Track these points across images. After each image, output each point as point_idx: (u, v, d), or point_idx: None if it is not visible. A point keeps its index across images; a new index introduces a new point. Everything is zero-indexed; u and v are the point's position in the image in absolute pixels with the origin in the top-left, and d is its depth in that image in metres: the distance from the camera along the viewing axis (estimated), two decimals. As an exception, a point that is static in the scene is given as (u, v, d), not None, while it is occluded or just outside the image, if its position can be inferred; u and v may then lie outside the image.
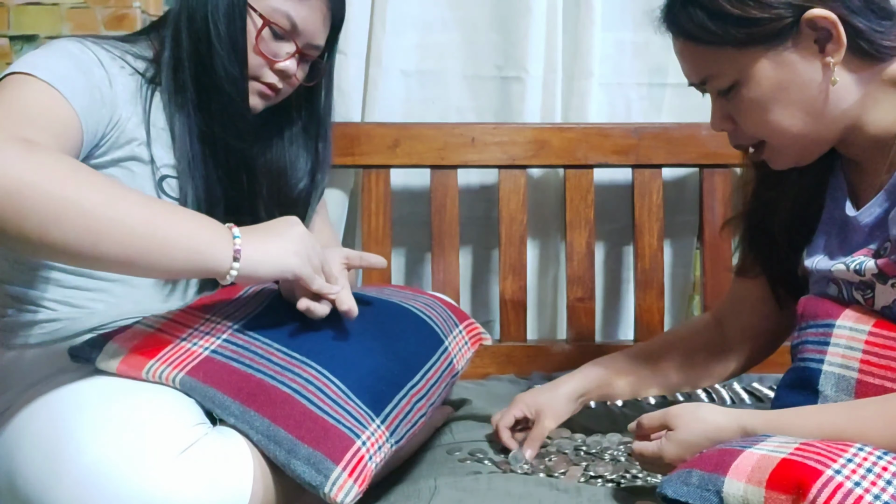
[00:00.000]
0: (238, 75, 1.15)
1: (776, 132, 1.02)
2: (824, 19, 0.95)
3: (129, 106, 1.12)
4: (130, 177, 1.11)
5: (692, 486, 0.84)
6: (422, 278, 1.82)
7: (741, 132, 1.06)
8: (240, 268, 0.94)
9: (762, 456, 0.82)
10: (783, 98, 1.00)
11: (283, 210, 1.22)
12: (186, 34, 1.15)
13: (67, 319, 1.10)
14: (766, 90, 1.00)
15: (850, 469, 0.78)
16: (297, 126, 1.31)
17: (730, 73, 1.01)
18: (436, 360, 1.15)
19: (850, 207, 1.05)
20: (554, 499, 1.01)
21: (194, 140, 1.16)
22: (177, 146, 1.15)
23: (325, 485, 0.92)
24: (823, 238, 1.09)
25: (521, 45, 1.75)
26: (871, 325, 0.99)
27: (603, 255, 1.85)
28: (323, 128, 1.32)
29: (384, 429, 1.01)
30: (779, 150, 1.05)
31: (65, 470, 0.88)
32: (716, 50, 1.01)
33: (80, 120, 1.03)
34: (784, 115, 1.00)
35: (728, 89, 1.03)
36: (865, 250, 1.00)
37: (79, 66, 1.06)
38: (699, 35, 1.01)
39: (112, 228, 0.88)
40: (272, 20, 1.16)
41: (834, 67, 0.97)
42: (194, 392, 0.98)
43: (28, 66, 1.02)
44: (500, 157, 1.69)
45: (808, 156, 1.06)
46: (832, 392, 0.98)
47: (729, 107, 1.05)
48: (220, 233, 0.95)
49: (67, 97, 1.02)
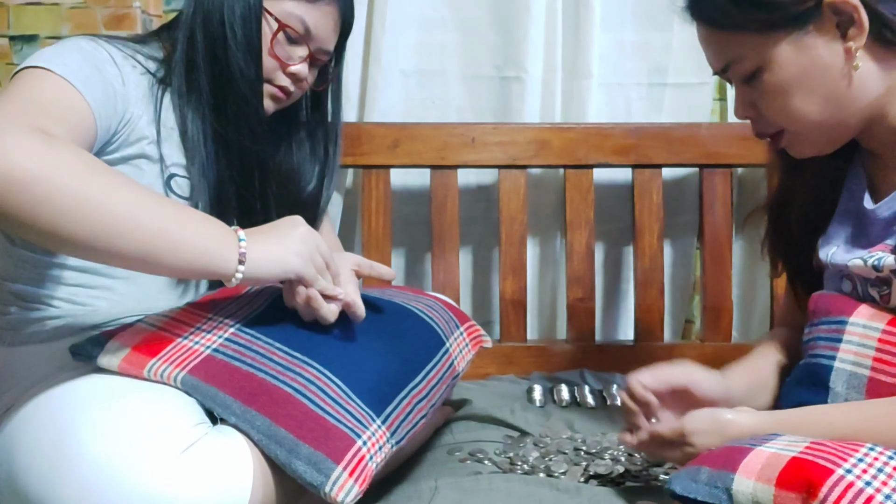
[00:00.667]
0: (254, 77, 1.17)
1: (797, 119, 1.02)
2: (846, 3, 0.95)
3: (141, 104, 1.13)
4: (139, 174, 1.11)
5: (701, 482, 0.84)
6: (422, 278, 1.82)
7: (764, 119, 1.06)
8: (244, 270, 0.95)
9: (772, 454, 0.82)
10: (805, 83, 0.99)
11: (292, 212, 1.23)
12: (202, 35, 1.16)
13: (70, 317, 1.10)
14: (789, 75, 0.99)
15: (861, 468, 0.78)
16: (305, 130, 1.32)
17: (752, 58, 1.01)
18: (437, 361, 1.15)
19: (869, 200, 1.05)
20: (554, 499, 1.01)
21: (208, 141, 1.17)
22: (189, 147, 1.16)
23: (325, 484, 0.92)
24: (838, 229, 1.09)
25: (521, 45, 1.74)
26: (886, 322, 0.98)
27: (603, 255, 1.85)
28: (332, 132, 1.34)
29: (385, 429, 1.01)
30: (799, 137, 1.05)
31: (65, 468, 0.88)
32: (738, 35, 1.01)
33: (94, 114, 1.03)
34: (806, 101, 1.00)
35: (751, 76, 1.02)
36: (883, 245, 1.00)
37: (92, 62, 1.07)
38: (722, 21, 1.01)
39: (125, 225, 0.89)
40: (287, 24, 1.18)
41: (856, 53, 0.96)
42: (195, 391, 0.98)
43: (43, 60, 1.03)
44: (500, 157, 1.69)
45: (829, 145, 1.05)
46: (843, 389, 0.98)
47: (752, 93, 1.04)
48: (227, 235, 0.96)
49: (82, 91, 1.02)
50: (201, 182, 1.16)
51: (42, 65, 1.02)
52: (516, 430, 1.30)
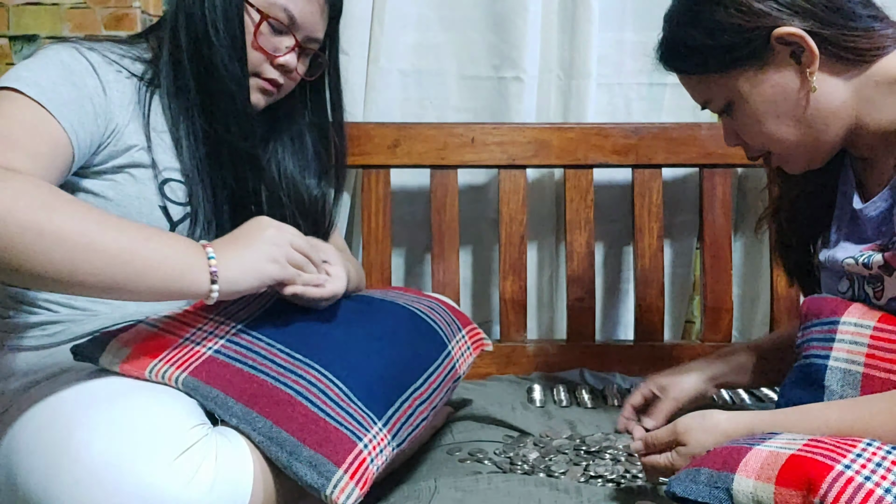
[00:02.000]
0: (239, 72, 1.15)
1: (775, 142, 1.09)
2: (791, 35, 1.02)
3: (127, 111, 1.11)
4: (133, 182, 1.10)
5: (701, 483, 0.84)
6: (422, 278, 1.82)
7: (749, 145, 1.13)
8: (219, 289, 0.95)
9: (771, 453, 0.82)
10: (772, 111, 1.06)
11: (296, 215, 1.23)
12: (185, 34, 1.14)
13: (69, 321, 1.09)
14: (756, 105, 1.07)
15: (860, 464, 0.79)
16: (306, 127, 1.30)
17: (721, 96, 1.10)
18: (439, 363, 1.15)
19: (858, 201, 1.09)
20: (554, 499, 1.01)
21: (199, 142, 1.15)
22: (183, 151, 1.14)
23: (326, 487, 0.92)
24: (835, 230, 1.13)
25: (519, 45, 1.74)
26: (877, 320, 1.00)
27: (603, 255, 1.85)
28: (335, 127, 1.32)
29: (386, 432, 1.01)
30: (785, 157, 1.11)
31: (65, 469, 0.88)
32: (704, 77, 1.10)
33: (69, 136, 1.02)
34: (778, 126, 1.07)
35: (725, 109, 1.11)
36: (873, 245, 1.03)
37: (70, 76, 1.05)
38: (687, 68, 1.12)
39: (88, 256, 0.88)
40: (270, 14, 1.16)
41: (812, 77, 1.03)
42: (197, 392, 0.98)
43: (16, 80, 1.01)
44: (499, 157, 1.69)
45: (817, 159, 1.11)
46: (838, 387, 0.99)
47: (733, 124, 1.12)
48: (196, 255, 0.95)
49: (55, 114, 1.01)
50: (199, 185, 1.14)
51: (13, 85, 1.00)
52: (516, 430, 1.30)
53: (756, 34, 1.03)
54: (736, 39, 1.04)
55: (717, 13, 1.04)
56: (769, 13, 1.02)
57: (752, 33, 1.03)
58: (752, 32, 1.03)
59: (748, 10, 1.03)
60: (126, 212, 1.08)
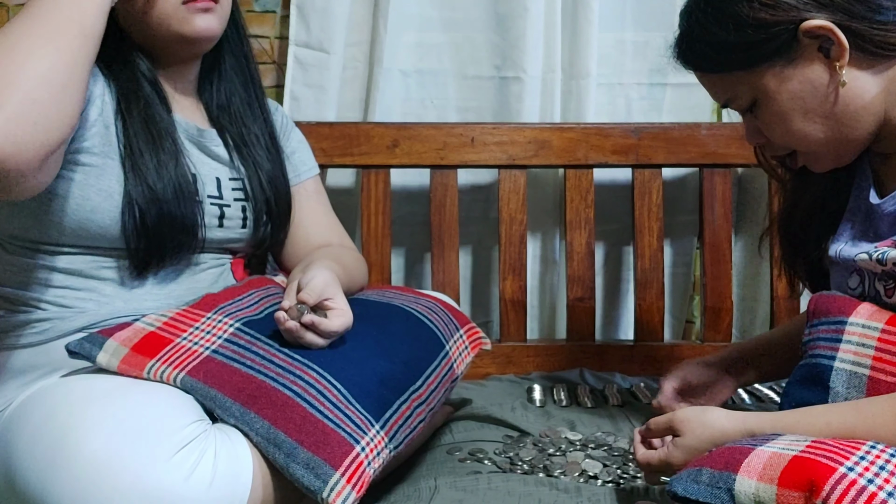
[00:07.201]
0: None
1: (802, 140, 1.05)
2: (820, 28, 0.98)
3: (96, 113, 1.09)
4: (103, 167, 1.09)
5: (703, 483, 0.83)
6: (422, 278, 1.82)
7: (773, 144, 1.10)
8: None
9: (773, 454, 0.82)
10: (800, 107, 1.03)
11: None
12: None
13: (58, 319, 1.09)
14: (783, 102, 1.03)
15: (864, 466, 0.78)
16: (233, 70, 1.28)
17: (746, 94, 1.06)
18: (437, 364, 1.15)
19: (874, 195, 1.07)
20: (554, 499, 1.01)
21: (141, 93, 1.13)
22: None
23: (323, 490, 0.91)
24: (848, 225, 1.11)
25: (519, 45, 1.75)
26: (885, 321, 0.98)
27: (603, 255, 1.85)
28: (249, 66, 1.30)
29: (383, 434, 1.01)
30: (812, 156, 1.08)
31: (63, 466, 0.88)
32: (727, 75, 1.06)
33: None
34: (805, 123, 1.03)
35: (750, 107, 1.07)
36: (889, 241, 1.01)
37: None
38: (708, 66, 1.07)
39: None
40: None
41: (841, 70, 0.99)
42: (195, 392, 0.97)
43: None
44: (499, 156, 1.69)
45: (845, 156, 1.08)
46: (843, 389, 0.98)
47: (756, 122, 1.08)
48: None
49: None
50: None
51: None
52: (516, 430, 1.30)
53: (782, 28, 0.99)
54: (761, 34, 1.00)
55: (741, 7, 1.00)
56: (796, 6, 0.99)
57: (778, 27, 0.99)
58: (779, 27, 0.99)
59: (774, 3, 0.99)
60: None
